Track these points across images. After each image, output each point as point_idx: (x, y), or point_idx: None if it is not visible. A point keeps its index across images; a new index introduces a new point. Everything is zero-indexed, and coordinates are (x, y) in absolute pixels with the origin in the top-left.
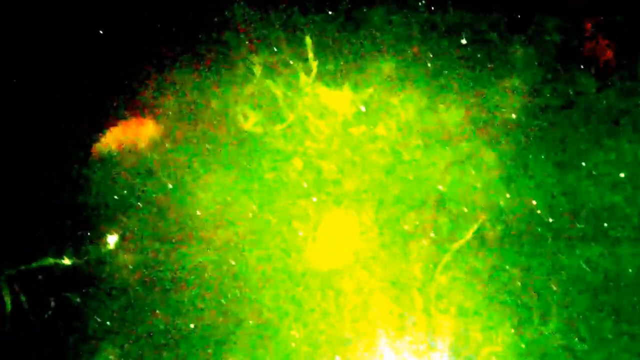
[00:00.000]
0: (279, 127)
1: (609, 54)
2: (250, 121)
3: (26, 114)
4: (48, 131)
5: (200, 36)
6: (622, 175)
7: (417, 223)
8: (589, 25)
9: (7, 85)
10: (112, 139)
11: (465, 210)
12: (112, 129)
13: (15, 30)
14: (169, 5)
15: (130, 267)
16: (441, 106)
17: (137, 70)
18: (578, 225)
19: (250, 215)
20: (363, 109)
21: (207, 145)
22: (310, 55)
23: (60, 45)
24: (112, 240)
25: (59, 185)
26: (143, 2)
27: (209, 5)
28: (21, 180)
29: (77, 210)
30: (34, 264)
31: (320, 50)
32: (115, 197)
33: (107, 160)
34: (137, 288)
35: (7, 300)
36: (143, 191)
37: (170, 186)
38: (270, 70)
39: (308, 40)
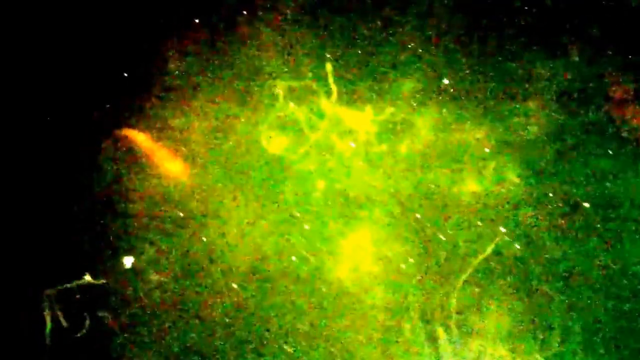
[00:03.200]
0: (302, 149)
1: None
2: (274, 144)
3: (67, 139)
4: (85, 156)
5: (225, 63)
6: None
7: (439, 239)
8: (619, 94)
9: (46, 108)
10: (144, 165)
11: (486, 226)
12: (145, 155)
13: (42, 37)
14: (193, 30)
15: (161, 286)
16: (461, 125)
17: (164, 97)
18: (602, 241)
19: (275, 235)
20: (384, 129)
21: (232, 168)
22: (331, 79)
23: (101, 78)
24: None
25: (93, 209)
26: (166, 27)
27: (233, 32)
28: (59, 205)
29: (109, 233)
30: (71, 284)
31: (341, 74)
32: (145, 220)
33: (137, 186)
34: (166, 307)
35: (48, 318)
36: (170, 216)
37: (196, 208)
38: (293, 94)
39: (329, 66)
